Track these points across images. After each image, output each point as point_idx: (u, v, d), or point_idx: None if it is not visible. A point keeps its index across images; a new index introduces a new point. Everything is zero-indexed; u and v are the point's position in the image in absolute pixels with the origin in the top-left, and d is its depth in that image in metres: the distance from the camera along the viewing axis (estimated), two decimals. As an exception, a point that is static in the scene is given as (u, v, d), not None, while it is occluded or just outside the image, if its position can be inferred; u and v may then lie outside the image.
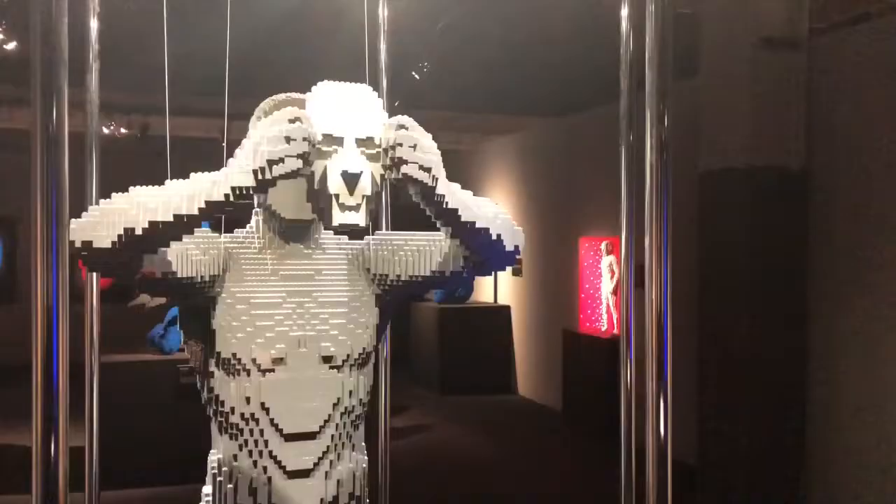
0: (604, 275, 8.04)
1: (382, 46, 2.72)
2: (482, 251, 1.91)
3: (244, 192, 1.64)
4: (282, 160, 1.63)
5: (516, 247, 1.96)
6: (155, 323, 6.22)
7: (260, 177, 1.63)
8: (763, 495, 4.93)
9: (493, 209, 1.92)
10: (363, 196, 1.75)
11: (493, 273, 2.03)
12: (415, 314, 10.15)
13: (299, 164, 1.64)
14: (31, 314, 1.08)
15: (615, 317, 7.82)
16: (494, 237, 1.88)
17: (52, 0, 1.07)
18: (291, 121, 1.65)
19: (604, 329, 8.00)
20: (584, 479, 6.21)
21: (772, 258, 5.00)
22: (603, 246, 8.07)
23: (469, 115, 9.39)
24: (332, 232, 2.01)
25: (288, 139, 1.63)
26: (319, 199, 1.74)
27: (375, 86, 2.69)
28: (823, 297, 5.11)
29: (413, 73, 6.44)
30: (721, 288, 5.18)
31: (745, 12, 5.04)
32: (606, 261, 8.00)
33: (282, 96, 2.00)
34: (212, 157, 2.50)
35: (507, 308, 9.80)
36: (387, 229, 2.69)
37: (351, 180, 1.71)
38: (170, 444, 5.48)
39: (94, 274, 2.50)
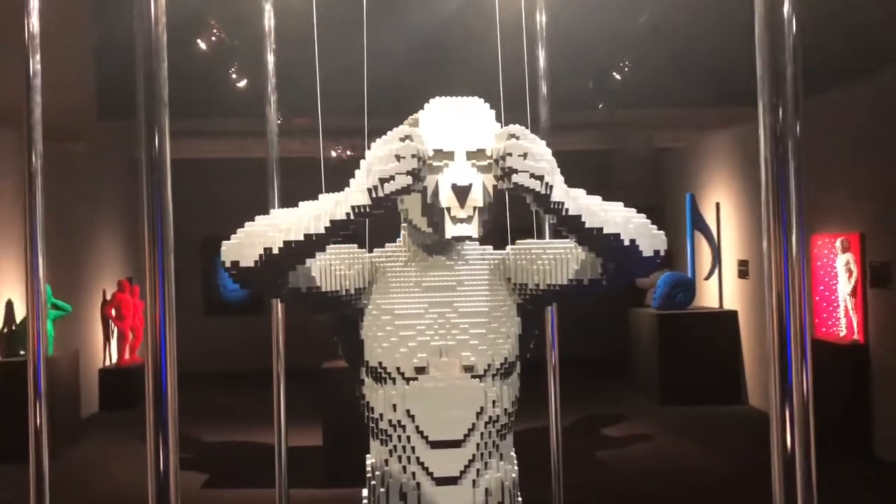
0: (840, 275, 7.36)
1: (541, 53, 2.71)
2: (615, 257, 1.85)
3: (363, 210, 1.73)
4: (392, 178, 1.69)
5: (656, 251, 1.87)
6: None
7: (374, 195, 1.71)
8: None
9: (625, 213, 1.85)
10: (475, 208, 1.77)
11: (633, 280, 1.96)
12: (633, 321, 9.88)
13: (409, 180, 1.70)
14: (146, 328, 1.21)
15: (855, 320, 7.13)
16: (627, 242, 1.81)
17: (152, 50, 1.21)
18: (402, 139, 1.71)
19: (842, 334, 7.33)
20: (821, 498, 5.69)
21: None
22: (838, 243, 7.40)
23: (684, 111, 8.99)
24: (477, 242, 2.05)
25: (398, 157, 1.69)
26: (433, 213, 1.79)
27: (534, 93, 2.70)
28: None
29: (614, 73, 6.32)
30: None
31: None
32: (843, 259, 7.33)
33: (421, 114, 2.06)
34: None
35: (733, 313, 9.24)
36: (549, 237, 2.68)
37: (461, 193, 1.74)
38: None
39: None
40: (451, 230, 1.77)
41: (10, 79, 2.53)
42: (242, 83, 6.19)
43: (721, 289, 9.64)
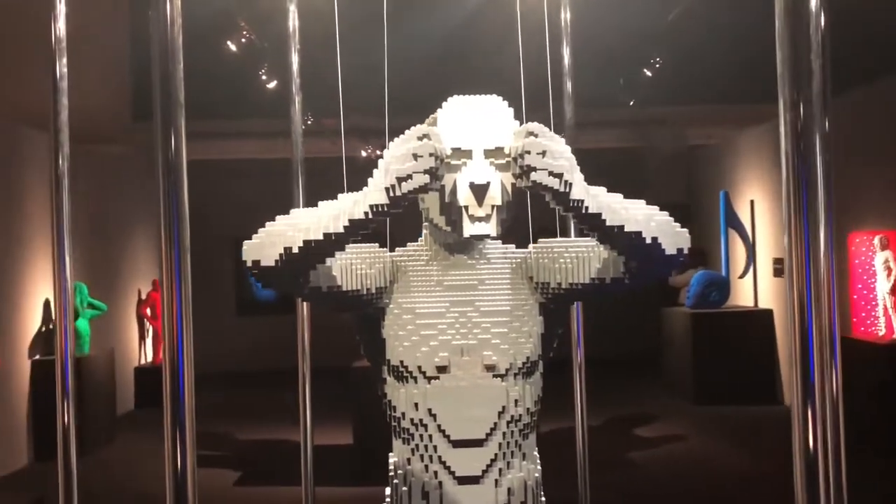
0: (879, 273, 7.23)
1: (566, 51, 2.69)
2: (637, 255, 1.82)
3: (380, 209, 1.73)
4: (409, 177, 1.69)
5: (679, 250, 1.85)
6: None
7: (392, 194, 1.71)
8: None
9: (647, 211, 1.83)
10: (493, 206, 1.76)
11: (657, 279, 1.94)
12: (666, 320, 9.77)
13: (426, 179, 1.69)
14: (163, 328, 1.23)
15: (894, 319, 7.00)
16: (649, 241, 1.79)
17: (168, 51, 1.22)
18: (419, 138, 1.71)
19: (881, 333, 7.20)
20: (857, 499, 5.58)
21: None
22: (877, 241, 7.27)
23: (717, 107, 8.87)
24: (499, 241, 2.04)
25: (415, 156, 1.69)
26: (451, 212, 1.78)
27: (559, 91, 2.68)
28: None
29: (645, 70, 6.26)
30: None
31: None
32: (881, 257, 7.19)
33: (442, 112, 2.06)
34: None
35: (768, 312, 9.10)
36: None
37: (479, 191, 1.73)
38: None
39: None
40: (468, 229, 1.77)
41: (43, 82, 2.58)
42: (273, 84, 6.23)
43: (756, 287, 9.51)
